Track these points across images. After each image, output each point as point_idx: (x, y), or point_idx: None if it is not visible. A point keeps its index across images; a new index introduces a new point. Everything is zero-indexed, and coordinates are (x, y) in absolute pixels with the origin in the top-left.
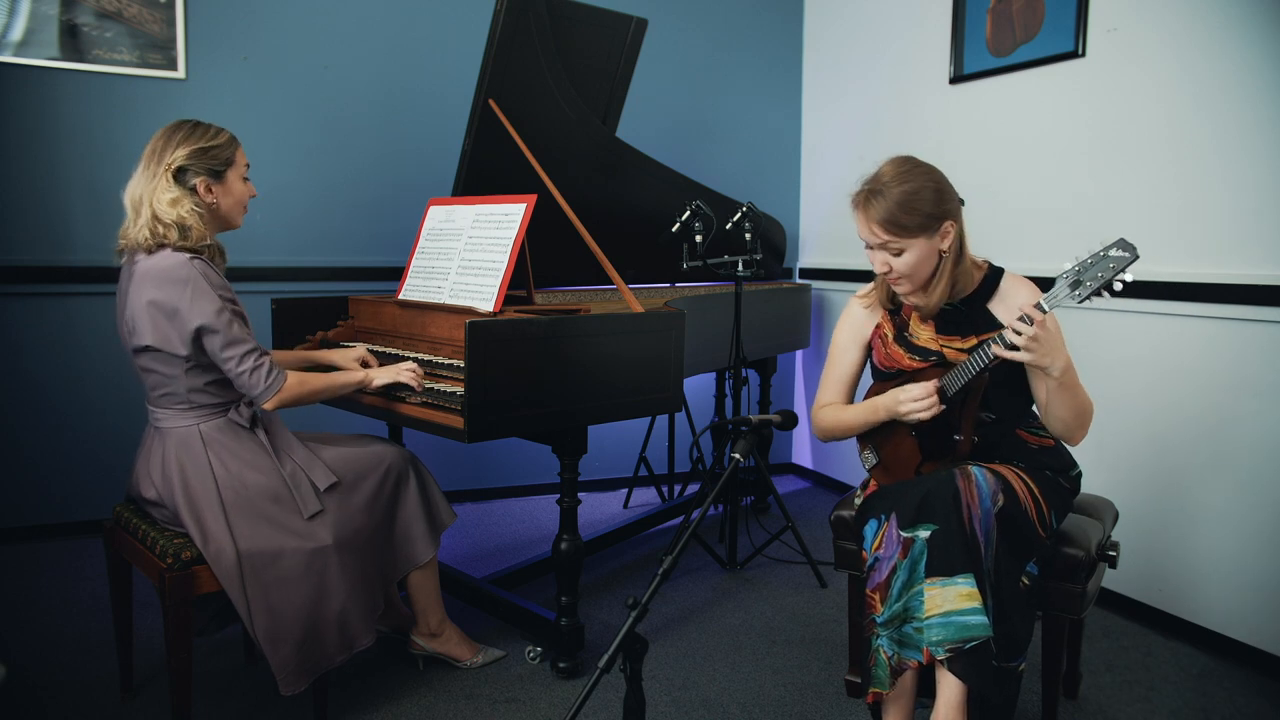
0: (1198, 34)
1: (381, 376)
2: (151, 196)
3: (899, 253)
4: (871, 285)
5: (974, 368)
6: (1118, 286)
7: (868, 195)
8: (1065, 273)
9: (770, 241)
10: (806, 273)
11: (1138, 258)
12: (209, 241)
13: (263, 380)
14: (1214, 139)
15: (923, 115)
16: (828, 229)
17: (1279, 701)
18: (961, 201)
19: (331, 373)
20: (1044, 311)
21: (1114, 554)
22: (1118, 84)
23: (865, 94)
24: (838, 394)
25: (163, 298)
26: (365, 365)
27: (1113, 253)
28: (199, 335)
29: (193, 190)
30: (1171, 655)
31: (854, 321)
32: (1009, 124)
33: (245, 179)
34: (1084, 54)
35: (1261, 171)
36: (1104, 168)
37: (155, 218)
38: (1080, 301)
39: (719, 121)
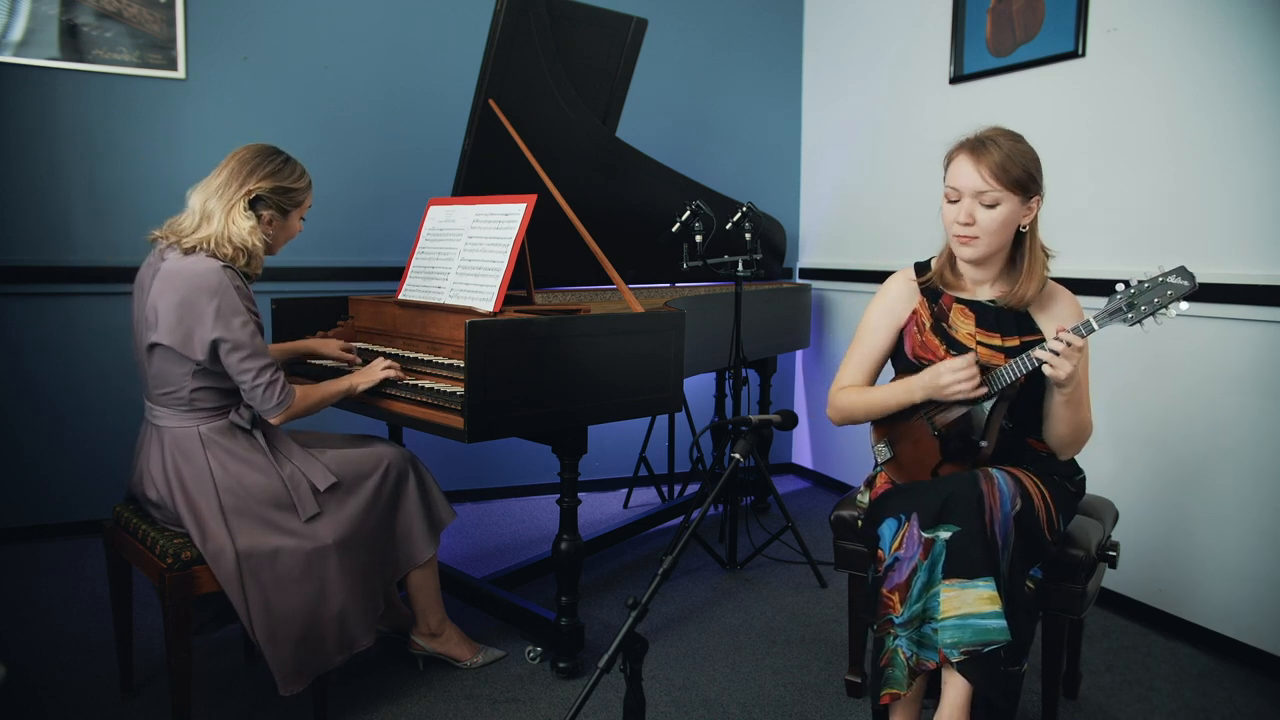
0: (1198, 34)
1: (363, 383)
2: (227, 216)
3: (993, 204)
4: (915, 272)
5: (1013, 374)
6: (1173, 313)
7: (978, 141)
8: (1117, 295)
9: (770, 241)
10: (806, 273)
11: (1197, 287)
12: (260, 271)
13: (275, 396)
14: (1214, 139)
15: (923, 115)
16: (828, 229)
17: (1279, 701)
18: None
19: (324, 383)
20: (1090, 331)
21: (1114, 554)
22: (1118, 84)
23: (865, 94)
24: (861, 375)
25: (191, 301)
26: (347, 357)
27: (1171, 279)
28: (219, 346)
29: (259, 218)
30: (1171, 655)
31: (890, 301)
32: (1009, 124)
33: (302, 218)
34: (1084, 54)
35: (1261, 171)
36: (1104, 168)
37: (227, 238)
38: (1131, 325)
39: (719, 121)
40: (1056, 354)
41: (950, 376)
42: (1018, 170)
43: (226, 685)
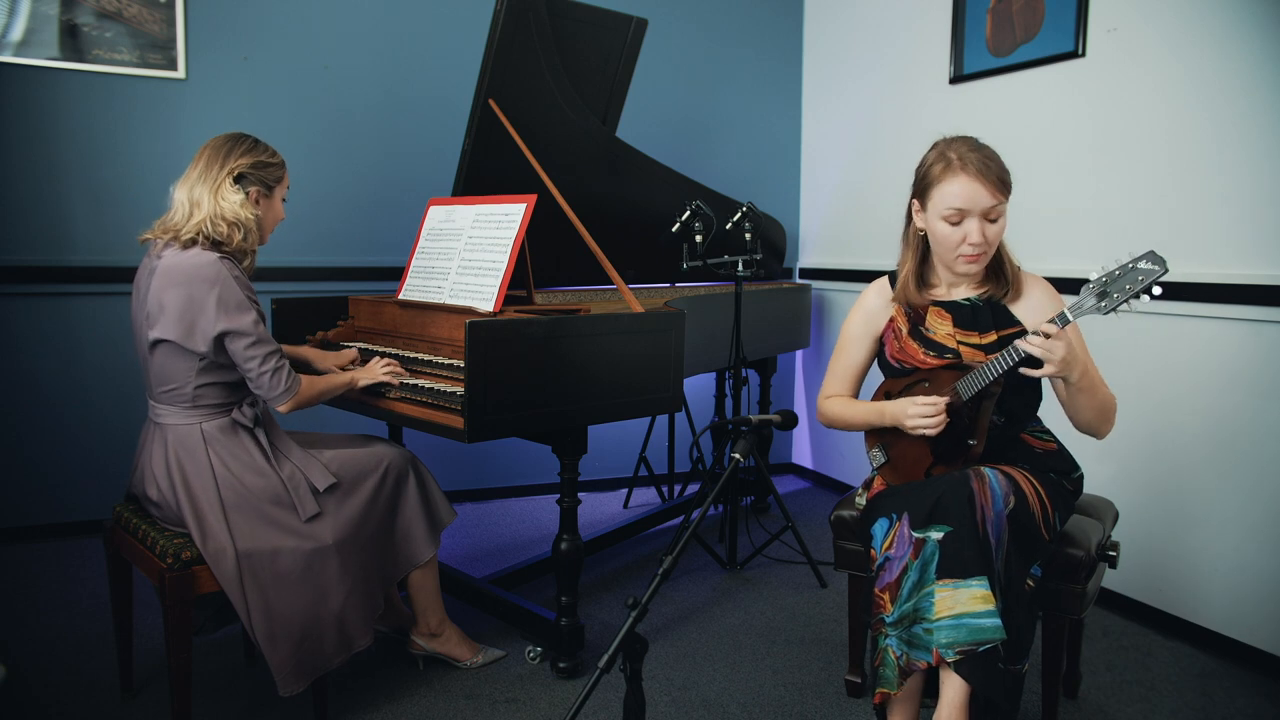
0: (1198, 34)
1: (363, 379)
2: (215, 196)
3: (998, 217)
4: (881, 289)
5: (992, 373)
6: (1146, 299)
7: (969, 159)
8: (1091, 283)
9: (770, 241)
10: (806, 273)
11: (1167, 270)
12: (257, 247)
13: (283, 383)
14: (1214, 139)
15: (923, 115)
16: (828, 229)
17: (1279, 701)
18: None
19: (327, 375)
20: (1065, 323)
21: (1114, 554)
22: (1118, 84)
23: (865, 94)
24: (844, 386)
25: (192, 295)
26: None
27: (1142, 264)
28: (223, 337)
29: (246, 195)
30: (1171, 655)
31: (867, 312)
32: (1009, 124)
33: (283, 199)
34: (1084, 54)
35: (1262, 171)
36: (1104, 168)
37: (220, 216)
38: (1106, 313)
39: (719, 121)
40: (1037, 357)
41: (917, 420)
42: (1008, 177)
43: (226, 685)
